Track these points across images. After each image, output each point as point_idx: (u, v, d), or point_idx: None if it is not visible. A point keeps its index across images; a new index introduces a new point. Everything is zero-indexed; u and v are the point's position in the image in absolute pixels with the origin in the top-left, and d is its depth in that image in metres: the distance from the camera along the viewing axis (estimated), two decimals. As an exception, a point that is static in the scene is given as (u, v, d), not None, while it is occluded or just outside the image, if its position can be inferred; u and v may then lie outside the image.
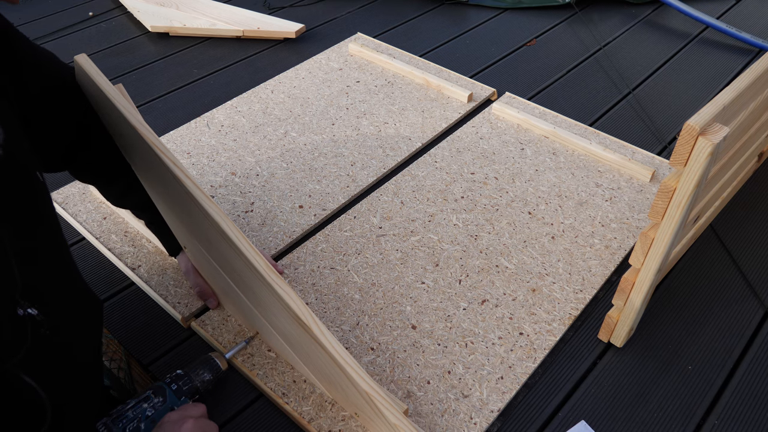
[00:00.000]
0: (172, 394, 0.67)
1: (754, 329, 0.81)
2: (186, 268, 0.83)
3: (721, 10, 1.55)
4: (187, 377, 0.69)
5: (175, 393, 0.67)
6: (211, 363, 0.72)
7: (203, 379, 0.71)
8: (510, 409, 0.73)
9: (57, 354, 0.51)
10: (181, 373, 0.70)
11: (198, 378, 0.70)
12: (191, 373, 0.70)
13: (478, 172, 1.05)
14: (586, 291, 0.85)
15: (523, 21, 1.54)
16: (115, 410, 0.64)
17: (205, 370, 0.71)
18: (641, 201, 0.99)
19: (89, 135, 0.73)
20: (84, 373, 0.57)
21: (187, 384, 0.69)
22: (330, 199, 1.00)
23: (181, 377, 0.69)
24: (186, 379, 0.69)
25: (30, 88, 0.64)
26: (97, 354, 0.63)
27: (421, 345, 0.78)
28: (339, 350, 0.59)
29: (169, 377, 0.69)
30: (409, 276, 0.87)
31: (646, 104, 1.23)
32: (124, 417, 0.63)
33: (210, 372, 0.71)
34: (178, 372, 0.70)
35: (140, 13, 1.53)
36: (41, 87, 0.66)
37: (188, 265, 0.83)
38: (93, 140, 0.73)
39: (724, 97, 0.59)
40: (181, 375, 0.70)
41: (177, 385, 0.68)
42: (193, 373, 0.70)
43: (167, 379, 0.69)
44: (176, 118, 1.21)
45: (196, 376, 0.70)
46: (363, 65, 1.33)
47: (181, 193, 0.63)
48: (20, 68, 0.62)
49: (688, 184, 0.59)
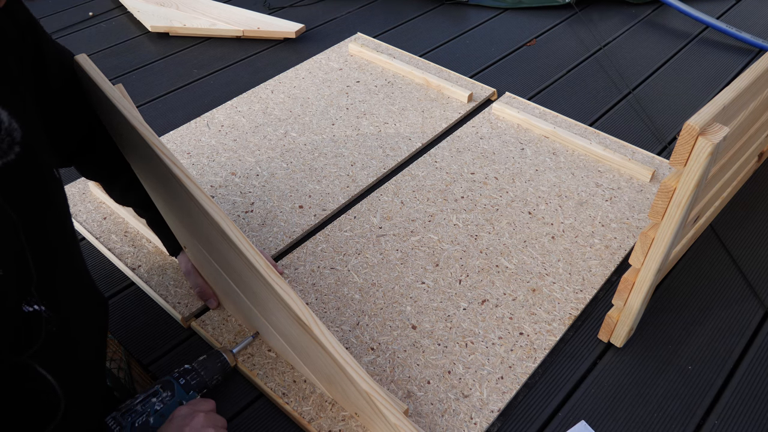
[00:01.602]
0: (180, 389, 0.67)
1: (754, 329, 0.81)
2: (186, 269, 0.83)
3: (721, 10, 1.55)
4: (195, 372, 0.69)
5: (184, 387, 0.67)
6: (219, 357, 0.72)
7: (212, 373, 0.70)
8: (510, 409, 0.73)
9: (64, 350, 0.51)
10: (189, 367, 0.70)
11: (206, 372, 0.70)
12: (199, 367, 0.70)
13: (478, 172, 1.05)
14: (586, 291, 0.85)
15: (523, 21, 1.54)
16: (124, 404, 0.64)
17: (214, 364, 0.71)
18: (641, 201, 0.99)
19: (96, 131, 0.73)
20: (89, 370, 0.57)
21: (195, 378, 0.69)
22: (330, 199, 1.00)
23: (189, 372, 0.69)
24: (194, 374, 0.69)
25: (51, 82, 0.64)
26: (101, 352, 0.63)
27: (421, 345, 0.78)
28: (339, 350, 0.59)
29: (177, 371, 0.69)
30: (409, 276, 0.87)
31: (646, 104, 1.23)
32: (133, 411, 0.63)
33: (218, 366, 0.71)
34: (186, 366, 0.70)
35: (140, 13, 1.53)
36: (62, 81, 0.67)
37: (188, 266, 0.83)
38: (99, 136, 0.74)
39: (724, 97, 0.59)
40: (189, 369, 0.69)
41: (185, 380, 0.68)
42: (201, 368, 0.70)
43: (175, 374, 0.69)
44: (176, 118, 1.21)
45: (205, 370, 0.70)
46: (363, 65, 1.33)
47: (181, 194, 0.63)
48: (45, 63, 0.62)
49: (688, 184, 0.58)
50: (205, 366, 0.71)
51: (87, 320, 0.58)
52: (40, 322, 0.47)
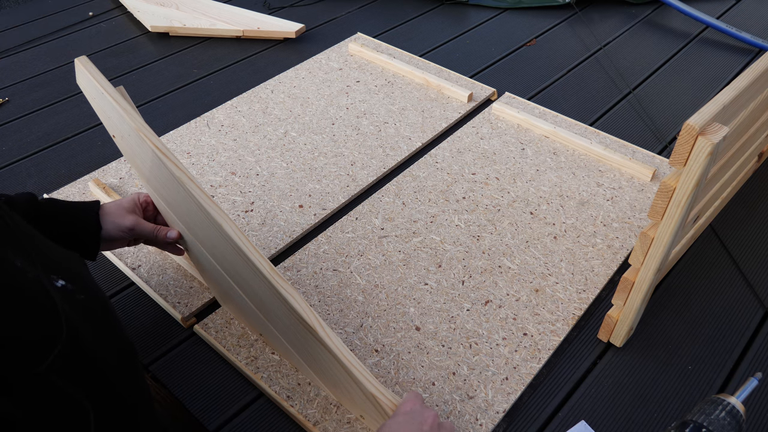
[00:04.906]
0: None
1: (754, 329, 0.82)
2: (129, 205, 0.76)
3: (721, 10, 1.55)
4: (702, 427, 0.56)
5: None
6: (724, 406, 0.57)
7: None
8: (515, 410, 0.73)
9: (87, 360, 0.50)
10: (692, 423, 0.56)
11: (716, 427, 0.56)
12: (704, 421, 0.56)
13: (479, 172, 1.05)
14: (589, 291, 0.85)
15: (523, 21, 1.54)
16: None
17: (722, 414, 0.56)
18: (642, 200, 0.99)
19: None
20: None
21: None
22: (330, 198, 1.00)
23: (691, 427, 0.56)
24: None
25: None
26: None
27: (426, 346, 0.79)
28: (344, 352, 0.59)
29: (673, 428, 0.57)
30: (412, 277, 0.87)
31: (646, 104, 1.24)
32: None
33: (730, 419, 0.56)
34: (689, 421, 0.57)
35: (140, 13, 1.53)
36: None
37: (130, 204, 0.76)
38: None
39: (723, 97, 0.59)
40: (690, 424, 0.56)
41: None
42: (707, 422, 0.56)
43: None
44: (176, 118, 1.21)
45: (713, 424, 0.55)
46: (363, 65, 1.33)
47: (183, 195, 0.63)
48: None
49: (688, 184, 0.59)
50: (710, 417, 0.55)
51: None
52: (61, 321, 0.45)
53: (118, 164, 1.08)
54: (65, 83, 1.34)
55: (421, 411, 0.59)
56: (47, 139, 1.18)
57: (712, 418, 0.56)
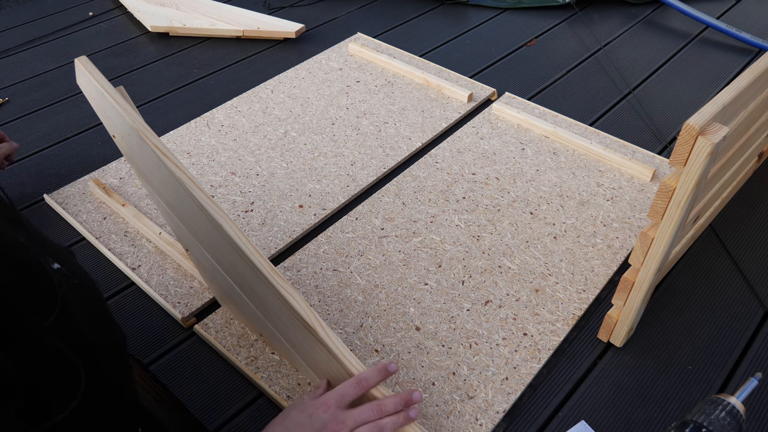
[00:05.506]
0: None
1: (754, 329, 0.82)
2: None
3: (721, 10, 1.55)
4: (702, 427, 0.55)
5: None
6: (724, 406, 0.56)
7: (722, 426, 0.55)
8: (515, 410, 0.73)
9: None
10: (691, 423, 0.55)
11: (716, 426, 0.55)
12: (705, 421, 0.55)
13: (479, 172, 1.05)
14: (589, 291, 0.85)
15: (523, 21, 1.54)
16: None
17: (722, 414, 0.55)
18: (642, 200, 0.99)
19: None
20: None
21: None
22: (330, 198, 1.00)
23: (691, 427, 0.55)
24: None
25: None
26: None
27: (426, 346, 0.79)
28: (344, 352, 0.59)
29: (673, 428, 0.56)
30: (412, 277, 0.87)
31: (646, 104, 1.24)
32: None
33: (730, 419, 0.55)
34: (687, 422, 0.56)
35: (140, 13, 1.53)
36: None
37: None
38: None
39: (723, 97, 0.59)
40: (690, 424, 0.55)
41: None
42: (707, 422, 0.55)
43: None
44: (176, 118, 1.21)
45: (713, 424, 0.54)
46: (363, 65, 1.33)
47: (183, 195, 0.63)
48: None
49: (688, 184, 0.59)
50: (710, 417, 0.55)
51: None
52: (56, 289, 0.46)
53: (118, 164, 1.08)
54: (65, 83, 1.34)
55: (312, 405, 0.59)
56: (47, 139, 1.18)
57: (712, 418, 0.56)
